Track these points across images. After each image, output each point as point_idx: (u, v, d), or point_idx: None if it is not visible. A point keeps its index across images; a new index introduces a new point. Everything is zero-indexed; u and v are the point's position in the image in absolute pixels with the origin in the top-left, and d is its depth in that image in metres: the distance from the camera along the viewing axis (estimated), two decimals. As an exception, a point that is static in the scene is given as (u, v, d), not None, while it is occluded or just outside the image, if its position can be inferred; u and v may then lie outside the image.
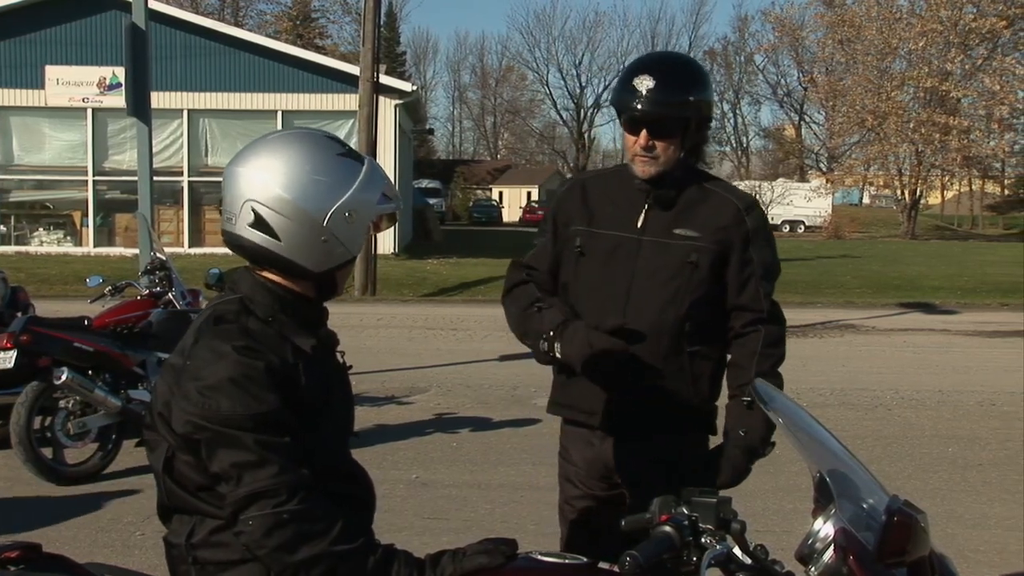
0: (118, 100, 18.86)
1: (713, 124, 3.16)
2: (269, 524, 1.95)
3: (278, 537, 1.95)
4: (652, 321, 2.89)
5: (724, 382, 3.06)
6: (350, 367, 2.34)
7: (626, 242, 2.94)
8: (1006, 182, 63.75)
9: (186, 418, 2.02)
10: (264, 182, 2.07)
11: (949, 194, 66.93)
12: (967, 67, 47.16)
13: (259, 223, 2.09)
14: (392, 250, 24.04)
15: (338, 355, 2.30)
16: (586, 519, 3.03)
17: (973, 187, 64.11)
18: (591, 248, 2.98)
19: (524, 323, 2.98)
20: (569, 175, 74.54)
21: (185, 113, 24.11)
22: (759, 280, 2.93)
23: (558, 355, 2.81)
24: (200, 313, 2.21)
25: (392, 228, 24.45)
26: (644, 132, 2.87)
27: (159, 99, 16.79)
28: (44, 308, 8.37)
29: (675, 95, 2.85)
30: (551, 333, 2.82)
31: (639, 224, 2.94)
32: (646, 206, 2.95)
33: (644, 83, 2.83)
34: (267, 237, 2.09)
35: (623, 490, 2.97)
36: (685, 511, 2.04)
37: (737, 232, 2.92)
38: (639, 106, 2.84)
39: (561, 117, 79.09)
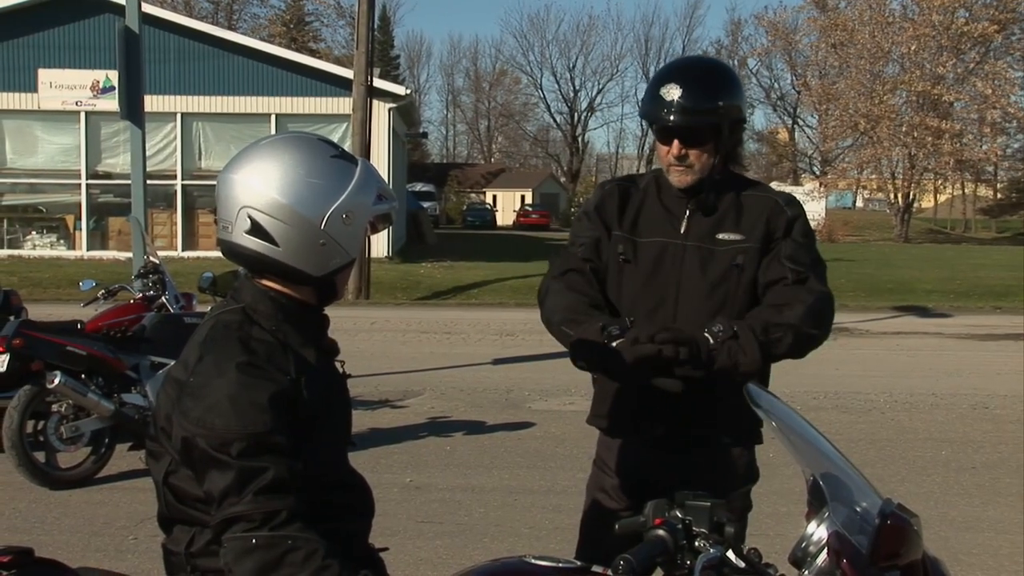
0: (111, 104, 18.81)
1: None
2: (238, 549, 1.94)
3: (248, 563, 1.93)
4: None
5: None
6: (349, 376, 2.33)
7: (671, 247, 2.87)
8: (998, 186, 63.96)
9: (182, 434, 2.01)
10: (259, 188, 2.05)
11: (942, 198, 67.13)
12: (959, 71, 47.34)
13: (256, 230, 2.06)
14: (386, 254, 24.03)
15: (337, 364, 2.29)
16: (611, 532, 2.90)
17: (966, 191, 64.30)
18: (635, 256, 2.90)
19: (578, 312, 2.79)
20: (563, 179, 74.66)
21: (178, 116, 24.09)
22: (788, 257, 2.82)
23: (615, 344, 2.63)
24: (202, 323, 2.18)
25: (386, 231, 24.51)
26: (676, 142, 2.81)
27: (152, 102, 16.78)
28: (37, 312, 8.34)
29: (703, 102, 2.77)
30: (615, 331, 2.65)
31: (682, 230, 2.88)
32: (688, 211, 2.89)
33: (671, 92, 2.77)
34: (265, 243, 2.07)
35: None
36: (679, 515, 2.04)
37: (778, 222, 2.86)
38: (668, 116, 2.77)
39: (555, 120, 79.24)
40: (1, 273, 16.72)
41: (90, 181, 24.25)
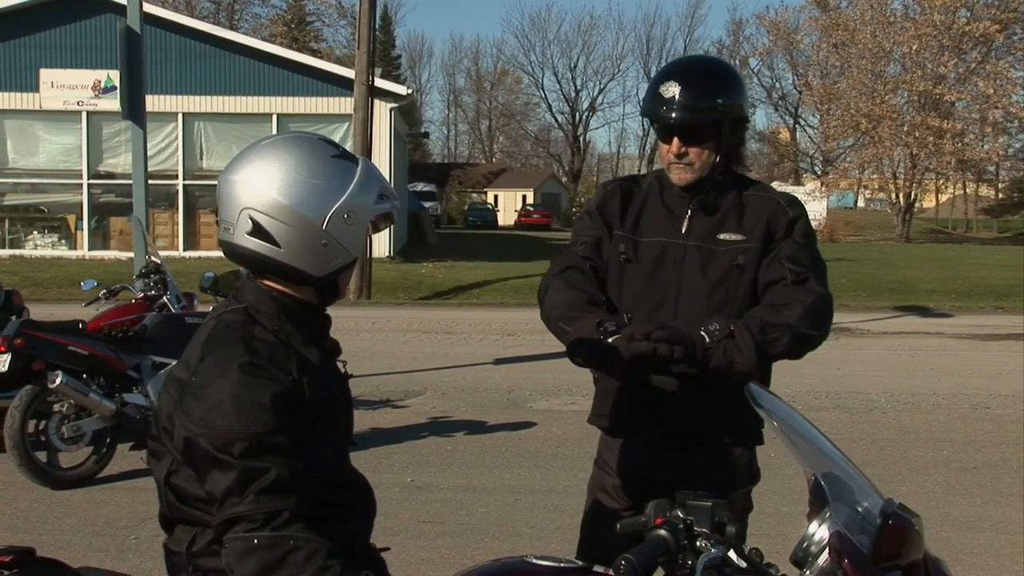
0: (113, 103, 18.88)
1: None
2: (240, 550, 1.94)
3: (249, 563, 1.94)
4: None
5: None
6: (351, 376, 2.33)
7: (672, 247, 2.87)
8: (1000, 186, 63.90)
9: (184, 434, 2.01)
10: (260, 189, 2.05)
11: (943, 197, 67.13)
12: (961, 71, 47.32)
13: (258, 231, 2.06)
14: (387, 253, 24.03)
15: (339, 364, 2.29)
16: (612, 531, 2.88)
17: (967, 190, 64.27)
18: (636, 255, 2.90)
19: (576, 308, 2.79)
20: (564, 178, 74.65)
21: (180, 116, 24.10)
22: (788, 258, 2.82)
23: (610, 340, 2.63)
24: (204, 323, 2.18)
25: (387, 231, 24.51)
26: (675, 140, 2.82)
27: (154, 102, 16.78)
28: (38, 312, 8.35)
29: (703, 100, 2.79)
30: (611, 327, 2.66)
31: (683, 230, 2.89)
32: (689, 211, 2.89)
33: (671, 90, 2.78)
34: (267, 244, 2.07)
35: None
36: (680, 515, 2.04)
37: (779, 222, 2.86)
38: (667, 114, 2.79)
39: (556, 120, 79.19)
40: (3, 273, 16.72)
41: (92, 181, 24.25)
